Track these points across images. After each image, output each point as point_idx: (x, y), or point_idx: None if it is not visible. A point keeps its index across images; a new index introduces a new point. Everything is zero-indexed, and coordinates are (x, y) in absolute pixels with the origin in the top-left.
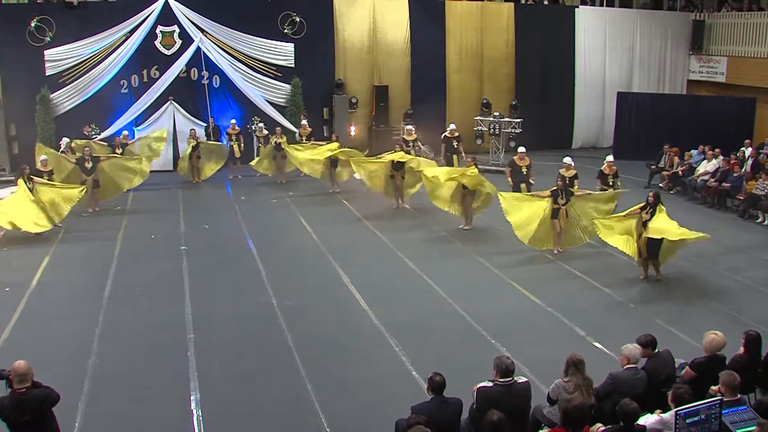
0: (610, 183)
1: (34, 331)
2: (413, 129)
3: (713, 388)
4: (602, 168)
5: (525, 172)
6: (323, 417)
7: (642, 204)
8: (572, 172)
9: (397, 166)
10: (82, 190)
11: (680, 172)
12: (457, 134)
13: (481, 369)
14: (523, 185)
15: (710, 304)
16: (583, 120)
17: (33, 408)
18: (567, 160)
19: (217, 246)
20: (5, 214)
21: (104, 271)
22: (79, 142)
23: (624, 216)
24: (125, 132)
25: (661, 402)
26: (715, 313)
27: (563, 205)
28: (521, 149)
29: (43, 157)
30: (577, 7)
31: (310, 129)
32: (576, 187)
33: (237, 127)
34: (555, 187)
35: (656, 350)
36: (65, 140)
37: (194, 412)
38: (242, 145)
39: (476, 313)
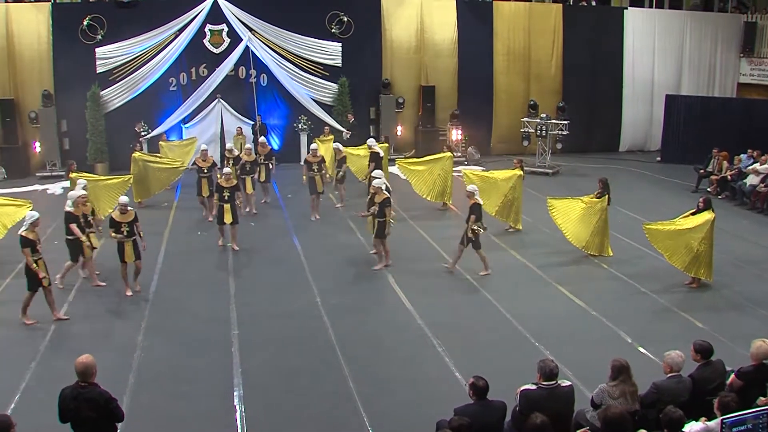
0: None
1: (80, 325)
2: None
3: (762, 399)
4: None
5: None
6: (365, 415)
7: (693, 210)
8: (382, 196)
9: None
10: (129, 179)
11: (729, 177)
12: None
13: (524, 371)
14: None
15: (758, 311)
16: (631, 122)
17: (91, 400)
18: (377, 179)
19: (262, 243)
20: None
21: (151, 267)
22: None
23: (675, 222)
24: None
25: (706, 410)
26: (763, 321)
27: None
28: None
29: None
30: (626, 8)
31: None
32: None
33: (319, 155)
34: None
35: (709, 359)
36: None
37: (237, 407)
38: (328, 174)
39: (521, 315)
